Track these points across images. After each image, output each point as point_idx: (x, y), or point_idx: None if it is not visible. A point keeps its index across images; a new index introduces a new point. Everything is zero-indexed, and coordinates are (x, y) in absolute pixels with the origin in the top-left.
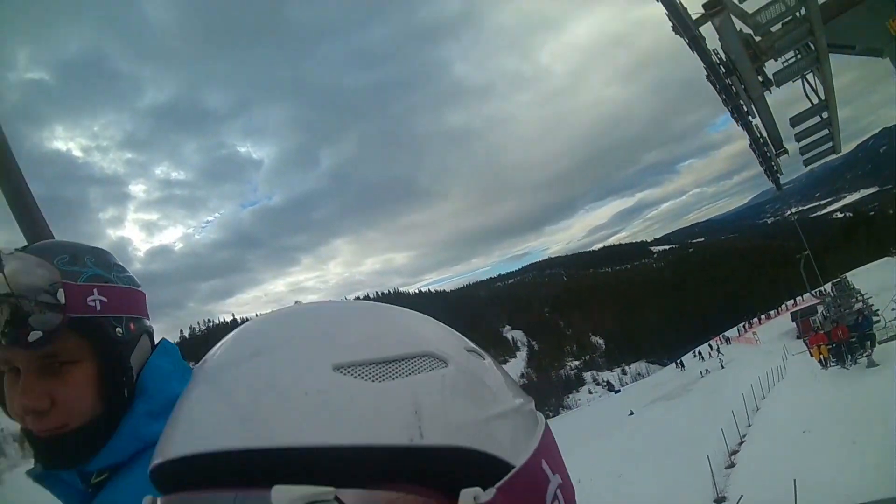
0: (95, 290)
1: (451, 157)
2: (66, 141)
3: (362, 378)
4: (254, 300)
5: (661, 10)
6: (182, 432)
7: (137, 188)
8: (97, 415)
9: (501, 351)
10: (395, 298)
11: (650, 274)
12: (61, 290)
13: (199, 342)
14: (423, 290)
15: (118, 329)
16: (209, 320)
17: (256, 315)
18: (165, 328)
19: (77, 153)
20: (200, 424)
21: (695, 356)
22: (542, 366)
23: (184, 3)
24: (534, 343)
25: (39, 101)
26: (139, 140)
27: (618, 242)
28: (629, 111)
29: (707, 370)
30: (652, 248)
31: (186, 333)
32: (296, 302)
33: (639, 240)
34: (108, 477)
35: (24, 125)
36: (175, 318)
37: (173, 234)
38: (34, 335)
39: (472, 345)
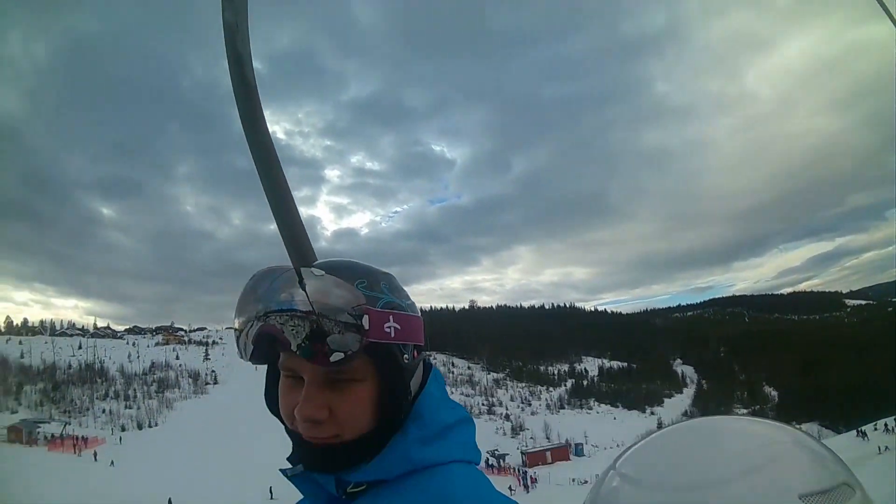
0: (391, 318)
1: (643, 178)
2: (272, 124)
3: None
4: (428, 292)
5: (880, 32)
6: None
7: (333, 173)
8: (369, 431)
9: (668, 385)
10: (571, 313)
11: (840, 329)
12: (366, 316)
13: None
14: (599, 308)
15: (405, 356)
16: None
17: (441, 307)
18: None
19: (281, 136)
20: None
21: (875, 428)
22: (707, 408)
23: (391, 8)
24: (703, 382)
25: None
26: (338, 129)
27: (809, 289)
28: (838, 145)
29: (886, 447)
30: (846, 301)
31: None
32: (471, 302)
33: (833, 290)
34: (366, 489)
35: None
36: None
37: (361, 219)
38: (336, 356)
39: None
